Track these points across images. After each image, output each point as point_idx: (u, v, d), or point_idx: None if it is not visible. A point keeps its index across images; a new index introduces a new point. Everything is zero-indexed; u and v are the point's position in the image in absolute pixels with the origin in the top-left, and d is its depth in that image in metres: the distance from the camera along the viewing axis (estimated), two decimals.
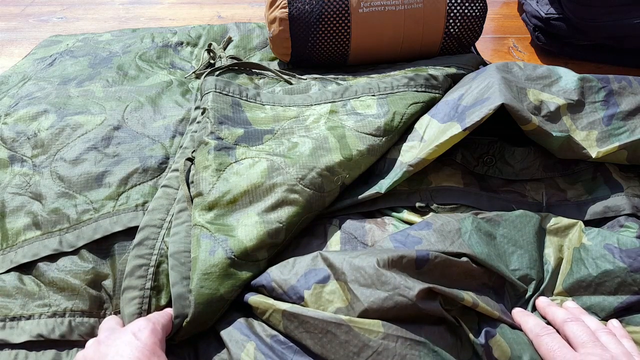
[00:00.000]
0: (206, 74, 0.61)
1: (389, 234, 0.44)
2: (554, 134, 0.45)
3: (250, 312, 0.38)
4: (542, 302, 0.39)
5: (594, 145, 0.47)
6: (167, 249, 0.42)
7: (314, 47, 0.63)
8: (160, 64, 0.70)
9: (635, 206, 0.44)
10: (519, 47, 0.82)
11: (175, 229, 0.43)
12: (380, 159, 0.50)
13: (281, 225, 0.42)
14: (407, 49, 0.65)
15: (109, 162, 0.51)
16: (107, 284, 0.43)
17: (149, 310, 0.39)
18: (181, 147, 0.53)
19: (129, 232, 0.45)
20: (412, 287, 0.34)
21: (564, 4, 0.72)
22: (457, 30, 0.64)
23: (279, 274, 0.38)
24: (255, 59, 0.72)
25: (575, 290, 0.39)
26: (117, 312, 0.42)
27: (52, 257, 0.44)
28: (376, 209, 0.47)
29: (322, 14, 0.61)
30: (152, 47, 0.73)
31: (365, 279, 0.35)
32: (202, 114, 0.53)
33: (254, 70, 0.64)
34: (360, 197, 0.47)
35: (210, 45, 0.69)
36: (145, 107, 0.59)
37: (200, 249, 0.40)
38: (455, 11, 0.63)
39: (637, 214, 0.44)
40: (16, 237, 0.46)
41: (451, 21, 0.63)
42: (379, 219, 0.46)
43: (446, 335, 0.34)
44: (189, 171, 0.48)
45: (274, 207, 0.42)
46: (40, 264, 0.44)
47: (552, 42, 0.78)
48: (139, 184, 0.50)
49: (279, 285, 0.37)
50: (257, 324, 0.37)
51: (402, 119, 0.51)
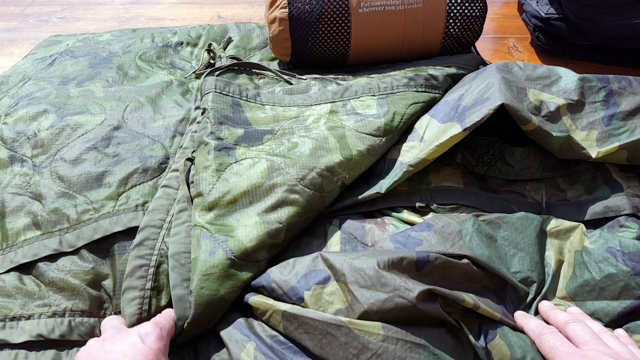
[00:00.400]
0: (206, 74, 0.61)
1: (389, 234, 0.44)
2: (554, 134, 0.45)
3: (250, 312, 0.38)
4: (544, 305, 0.39)
5: (594, 145, 0.47)
6: (167, 249, 0.42)
7: (314, 47, 0.63)
8: (160, 64, 0.70)
9: (635, 206, 0.44)
10: (519, 47, 0.82)
11: (175, 230, 0.43)
12: (380, 159, 0.50)
13: (281, 225, 0.42)
14: (407, 49, 0.65)
15: (109, 162, 0.51)
16: (107, 284, 0.43)
17: (149, 310, 0.39)
18: (181, 147, 0.53)
19: (129, 232, 0.45)
20: (412, 288, 0.34)
21: (564, 4, 0.72)
22: (457, 30, 0.64)
23: (279, 274, 0.38)
24: (255, 59, 0.72)
25: (579, 294, 0.39)
26: (117, 312, 0.42)
27: (52, 257, 0.44)
28: (376, 209, 0.47)
29: (322, 14, 0.61)
30: (152, 47, 0.73)
31: (365, 280, 0.35)
32: (202, 114, 0.53)
33: (254, 70, 0.64)
34: (360, 197, 0.47)
35: (210, 45, 0.69)
36: (145, 107, 0.59)
37: (200, 250, 0.40)
38: (455, 11, 0.63)
39: (637, 214, 0.44)
40: (16, 237, 0.46)
41: (451, 21, 0.63)
42: (379, 219, 0.46)
43: (447, 337, 0.34)
44: (189, 171, 0.48)
45: (274, 207, 0.42)
46: (40, 264, 0.44)
47: (552, 42, 0.78)
48: (139, 184, 0.49)
49: (279, 286, 0.37)
50: (257, 324, 0.37)
51: (402, 119, 0.51)
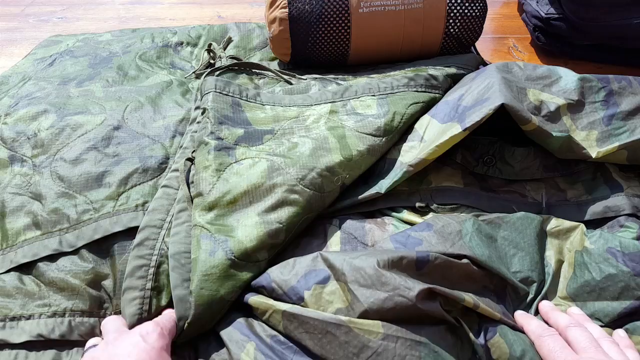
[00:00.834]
0: (206, 74, 0.61)
1: (389, 234, 0.44)
2: (554, 134, 0.45)
3: (250, 312, 0.38)
4: (545, 306, 0.39)
5: (594, 145, 0.47)
6: (168, 249, 0.42)
7: (314, 47, 0.63)
8: (160, 64, 0.70)
9: (635, 206, 0.44)
10: (519, 47, 0.82)
11: (175, 230, 0.43)
12: (380, 159, 0.50)
13: (281, 225, 0.42)
14: (407, 49, 0.65)
15: (109, 162, 0.51)
16: (107, 284, 0.43)
17: (150, 310, 0.39)
18: (181, 147, 0.53)
19: (129, 232, 0.45)
20: (412, 287, 0.34)
21: (564, 4, 0.72)
22: (457, 30, 0.64)
23: (279, 274, 0.38)
24: (255, 59, 0.72)
25: (579, 295, 0.39)
26: (117, 312, 0.42)
27: (52, 257, 0.44)
28: (376, 209, 0.47)
29: (322, 14, 0.61)
30: (152, 47, 0.73)
31: (365, 279, 0.35)
32: (202, 114, 0.53)
33: (254, 70, 0.64)
34: (360, 197, 0.47)
35: (210, 45, 0.69)
36: (145, 107, 0.59)
37: (200, 250, 0.40)
38: (455, 11, 0.63)
39: (637, 214, 0.44)
40: (16, 237, 0.46)
41: (451, 21, 0.63)
42: (379, 219, 0.46)
43: (446, 335, 0.34)
44: (189, 171, 0.48)
45: (274, 207, 0.42)
46: (40, 264, 0.44)
47: (552, 42, 0.78)
48: (139, 184, 0.49)
49: (279, 285, 0.37)
50: (257, 324, 0.37)
51: (402, 119, 0.51)
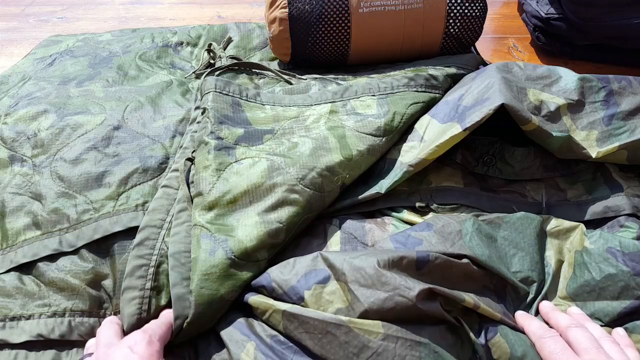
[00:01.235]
0: (206, 74, 0.61)
1: (389, 234, 0.44)
2: (554, 134, 0.45)
3: (250, 312, 0.38)
4: (545, 307, 0.39)
5: (594, 145, 0.47)
6: (167, 249, 0.42)
7: (314, 47, 0.63)
8: (160, 64, 0.70)
9: (635, 206, 0.44)
10: (519, 47, 0.82)
11: (175, 229, 0.43)
12: (380, 159, 0.50)
13: (281, 225, 0.41)
14: (407, 49, 0.65)
15: (109, 162, 0.51)
16: (107, 283, 0.43)
17: (149, 310, 0.39)
18: (181, 147, 0.53)
19: (129, 232, 0.45)
20: (412, 287, 0.34)
21: (564, 4, 0.72)
22: (457, 30, 0.64)
23: (279, 274, 0.38)
24: (255, 59, 0.72)
25: (579, 295, 0.39)
26: (117, 312, 0.42)
27: (52, 257, 0.44)
28: (376, 209, 0.47)
29: (322, 14, 0.61)
30: (152, 47, 0.73)
31: (365, 279, 0.35)
32: (202, 113, 0.53)
33: (254, 70, 0.64)
34: (360, 197, 0.47)
35: (210, 45, 0.69)
36: (145, 107, 0.59)
37: (200, 250, 0.40)
38: (455, 11, 0.63)
39: (637, 214, 0.44)
40: (16, 237, 0.46)
41: (451, 21, 0.63)
42: (379, 219, 0.46)
43: (447, 335, 0.34)
44: (189, 171, 0.48)
45: (274, 207, 0.42)
46: (40, 264, 0.44)
47: (552, 42, 0.78)
48: (139, 184, 0.49)
49: (279, 285, 0.37)
50: (257, 324, 0.37)
51: (402, 119, 0.51)
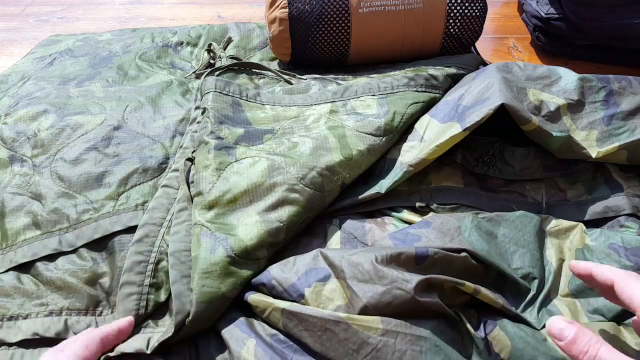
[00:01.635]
0: (206, 74, 0.61)
1: (389, 233, 0.44)
2: (554, 134, 0.45)
3: (250, 311, 0.38)
4: (582, 264, 0.34)
5: (594, 145, 0.47)
6: (167, 247, 0.42)
7: (314, 47, 0.63)
8: (160, 64, 0.70)
9: (635, 206, 0.44)
10: (519, 47, 0.82)
11: (175, 228, 0.43)
12: (380, 159, 0.50)
13: (281, 224, 0.42)
14: (407, 49, 0.65)
15: (109, 162, 0.51)
16: (104, 281, 0.43)
17: (147, 307, 0.39)
18: (181, 147, 0.53)
19: (129, 230, 0.45)
20: (409, 279, 0.34)
21: (564, 4, 0.72)
22: (457, 30, 0.64)
23: (280, 272, 0.38)
24: (255, 59, 0.72)
25: (581, 291, 0.39)
26: (113, 310, 0.42)
27: (51, 257, 0.44)
28: (376, 209, 0.47)
29: (322, 14, 0.61)
30: (152, 47, 0.73)
31: (363, 274, 0.35)
32: (202, 113, 0.53)
33: (254, 70, 0.64)
34: (360, 197, 0.47)
35: (210, 45, 0.69)
36: (145, 107, 0.59)
37: (200, 248, 0.40)
38: (455, 11, 0.63)
39: (637, 214, 0.44)
40: (16, 237, 0.46)
41: (451, 21, 0.63)
42: (379, 219, 0.46)
43: (447, 329, 0.34)
44: (189, 171, 0.48)
45: (275, 206, 0.42)
46: (38, 263, 0.44)
47: (552, 42, 0.78)
48: (139, 184, 0.49)
49: (280, 283, 0.37)
50: (257, 323, 0.37)
51: (402, 119, 0.51)
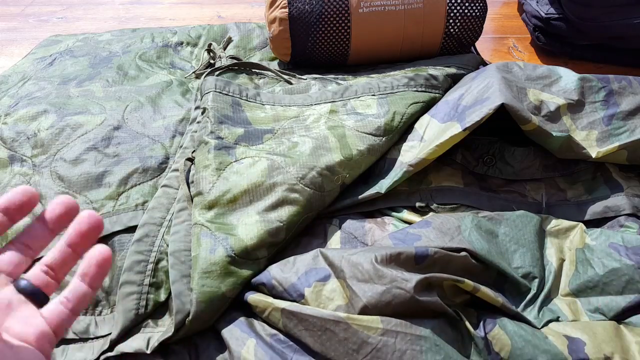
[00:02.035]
0: (206, 74, 0.61)
1: (389, 233, 0.44)
2: (554, 134, 0.45)
3: (250, 311, 0.38)
4: None
5: (593, 145, 0.47)
6: (167, 246, 0.42)
7: (314, 47, 0.63)
8: (160, 64, 0.70)
9: (635, 206, 0.44)
10: (519, 47, 0.82)
11: (175, 228, 0.43)
12: (380, 159, 0.50)
13: (281, 224, 0.41)
14: (407, 49, 0.65)
15: (109, 162, 0.51)
16: (104, 280, 0.43)
17: (147, 306, 0.39)
18: (181, 147, 0.53)
19: (129, 229, 0.45)
20: (409, 279, 0.34)
21: (564, 4, 0.72)
22: (457, 30, 0.64)
23: (280, 272, 0.38)
24: (255, 59, 0.72)
25: (582, 290, 0.39)
26: (112, 309, 0.42)
27: None
28: (376, 208, 0.47)
29: (322, 14, 0.61)
30: (152, 47, 0.73)
31: (363, 274, 0.35)
32: (202, 113, 0.53)
33: (253, 70, 0.64)
34: (360, 197, 0.47)
35: (210, 45, 0.69)
36: (145, 107, 0.59)
37: (200, 248, 0.40)
38: (455, 11, 0.63)
39: (637, 214, 0.44)
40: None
41: (451, 21, 0.63)
42: (379, 219, 0.46)
43: (447, 329, 0.34)
44: (189, 171, 0.48)
45: (275, 206, 0.42)
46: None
47: (552, 42, 0.78)
48: (139, 184, 0.49)
49: (280, 282, 0.37)
50: (257, 323, 0.37)
51: (402, 119, 0.51)
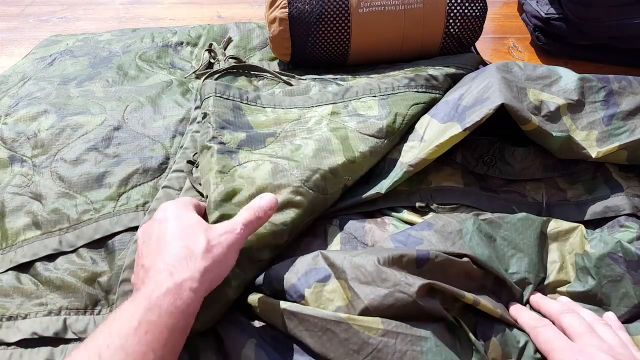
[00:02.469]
0: (204, 77, 0.61)
1: (389, 234, 0.44)
2: (554, 134, 0.45)
3: (250, 311, 0.38)
4: (535, 297, 0.39)
5: (594, 145, 0.47)
6: None
7: (314, 47, 0.63)
8: (160, 64, 0.70)
9: (635, 206, 0.44)
10: (519, 47, 0.82)
11: None
12: (380, 160, 0.50)
13: (285, 227, 0.41)
14: (407, 49, 0.65)
15: (109, 163, 0.51)
16: (103, 280, 0.43)
17: None
18: (181, 147, 0.53)
19: (130, 229, 0.45)
20: (412, 283, 0.34)
21: (564, 4, 0.72)
22: (457, 30, 0.64)
23: (280, 272, 0.38)
24: (255, 59, 0.72)
25: (580, 299, 0.39)
26: (111, 309, 0.42)
27: (51, 256, 0.44)
28: (376, 209, 0.47)
29: (322, 14, 0.61)
30: (152, 47, 0.73)
31: (365, 276, 0.35)
32: (203, 118, 0.53)
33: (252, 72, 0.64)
34: (360, 197, 0.47)
35: (210, 45, 0.69)
36: (145, 107, 0.59)
37: None
38: (455, 11, 0.63)
39: (637, 214, 0.44)
40: (16, 237, 0.46)
41: (451, 21, 0.63)
42: (379, 219, 0.46)
43: (446, 334, 0.34)
44: (191, 173, 0.48)
45: (279, 208, 0.42)
46: (37, 263, 0.44)
47: (552, 42, 0.78)
48: (140, 185, 0.50)
49: (280, 283, 0.37)
50: (257, 323, 0.37)
51: (403, 121, 0.51)
